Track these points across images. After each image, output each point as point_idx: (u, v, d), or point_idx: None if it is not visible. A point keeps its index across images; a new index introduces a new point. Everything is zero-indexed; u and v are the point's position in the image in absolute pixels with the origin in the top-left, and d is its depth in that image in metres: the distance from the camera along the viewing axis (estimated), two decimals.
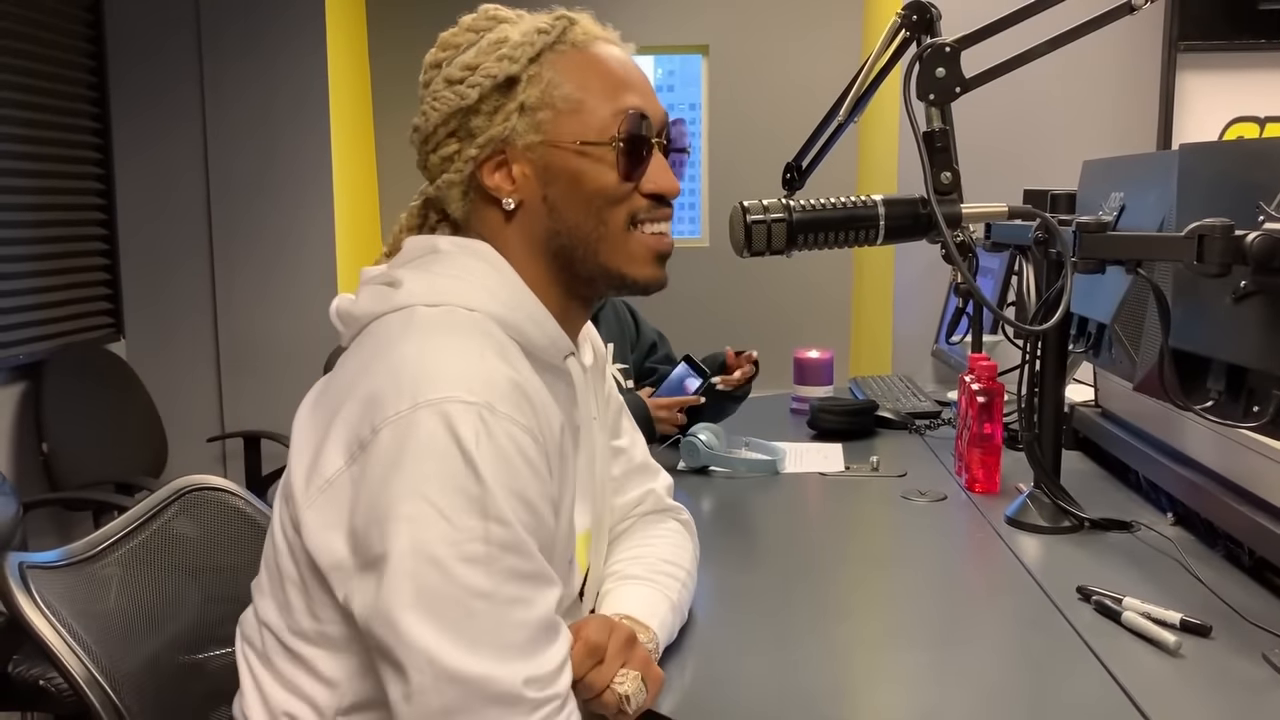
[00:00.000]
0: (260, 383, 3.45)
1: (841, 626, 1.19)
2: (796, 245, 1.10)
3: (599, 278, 0.97)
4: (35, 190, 3.11)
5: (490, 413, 0.79)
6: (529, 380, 0.86)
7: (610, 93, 0.94)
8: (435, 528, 0.75)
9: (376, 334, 0.89)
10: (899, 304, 2.83)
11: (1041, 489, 1.44)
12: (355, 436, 0.81)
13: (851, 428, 1.99)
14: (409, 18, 4.01)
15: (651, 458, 1.22)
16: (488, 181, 0.94)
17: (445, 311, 0.89)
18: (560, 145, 0.93)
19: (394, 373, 0.82)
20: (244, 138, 3.44)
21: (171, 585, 1.15)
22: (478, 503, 0.76)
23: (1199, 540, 1.36)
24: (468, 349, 0.84)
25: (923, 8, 1.37)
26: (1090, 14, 1.19)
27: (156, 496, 1.19)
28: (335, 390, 0.87)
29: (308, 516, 0.82)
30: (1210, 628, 1.06)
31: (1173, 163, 1.33)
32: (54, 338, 3.14)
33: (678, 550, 1.14)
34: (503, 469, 0.78)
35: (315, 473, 0.83)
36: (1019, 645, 1.12)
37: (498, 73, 0.92)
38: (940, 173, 1.12)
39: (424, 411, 0.78)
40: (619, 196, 0.94)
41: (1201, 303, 1.21)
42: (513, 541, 0.78)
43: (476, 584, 0.75)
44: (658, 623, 1.01)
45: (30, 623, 0.95)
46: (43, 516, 3.02)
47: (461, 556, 0.75)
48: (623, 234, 0.95)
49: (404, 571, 0.75)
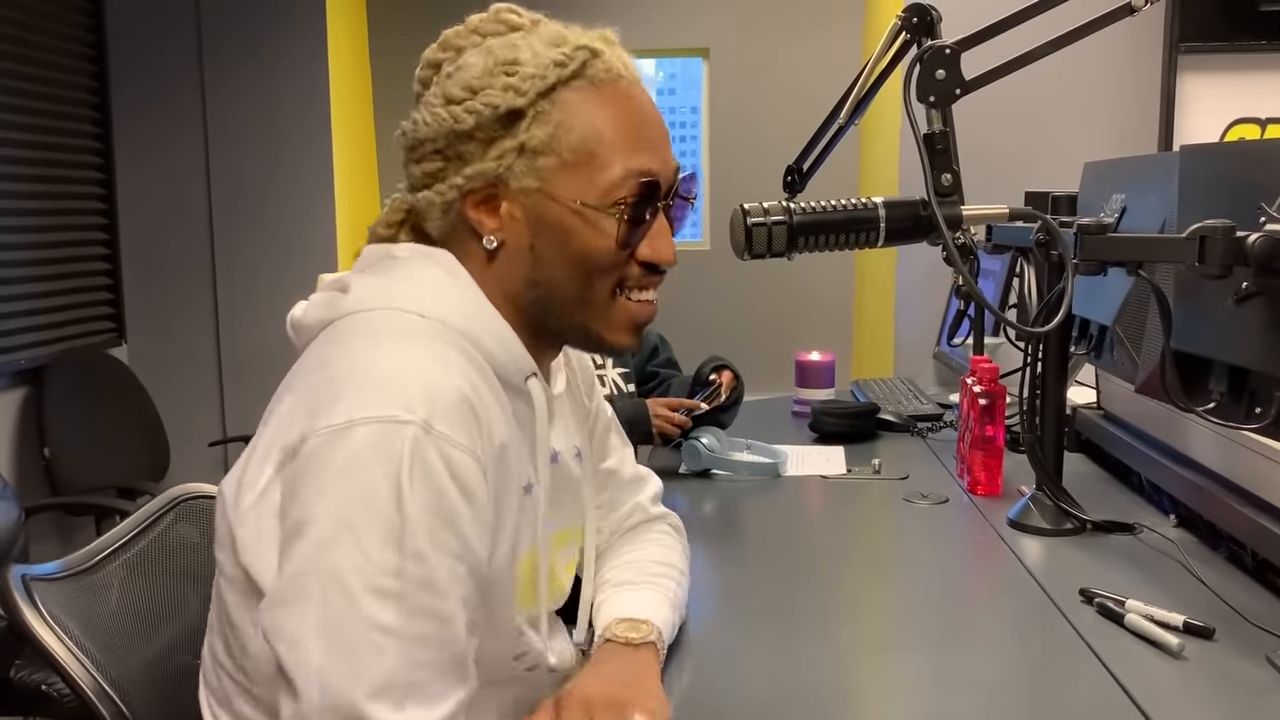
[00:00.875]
0: (262, 387, 3.38)
1: (844, 629, 1.19)
2: (797, 248, 1.10)
3: (569, 333, 0.92)
4: (36, 195, 3.12)
5: (426, 433, 0.74)
6: (477, 392, 0.80)
7: (625, 150, 0.86)
8: (349, 556, 0.71)
9: (320, 343, 0.85)
10: (900, 307, 2.83)
11: (1044, 491, 1.43)
12: (285, 445, 0.77)
13: (853, 430, 1.99)
14: (410, 22, 4.01)
15: (640, 468, 1.20)
16: (471, 214, 0.87)
17: (392, 316, 0.83)
18: (558, 200, 0.85)
19: (331, 383, 0.77)
20: (245, 142, 3.45)
21: (171, 590, 1.16)
22: (396, 534, 0.72)
23: (1201, 542, 1.35)
24: (412, 359, 0.79)
25: (923, 10, 1.37)
26: (1090, 15, 1.19)
27: (152, 505, 1.19)
28: (275, 402, 0.84)
29: (241, 533, 0.79)
30: (1214, 630, 1.06)
31: (1174, 164, 1.33)
32: (56, 342, 3.15)
33: (667, 551, 1.13)
34: (430, 497, 0.74)
35: (245, 486, 0.80)
36: (1021, 648, 1.11)
37: (500, 104, 0.84)
38: (941, 174, 1.11)
39: (358, 430, 0.73)
40: (612, 264, 0.87)
41: (1203, 304, 1.20)
42: (427, 579, 0.73)
43: (383, 619, 0.71)
44: (659, 619, 1.00)
45: (38, 636, 0.95)
46: (44, 522, 3.02)
47: (371, 589, 0.71)
48: (607, 300, 0.89)
49: (313, 595, 0.71)
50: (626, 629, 0.98)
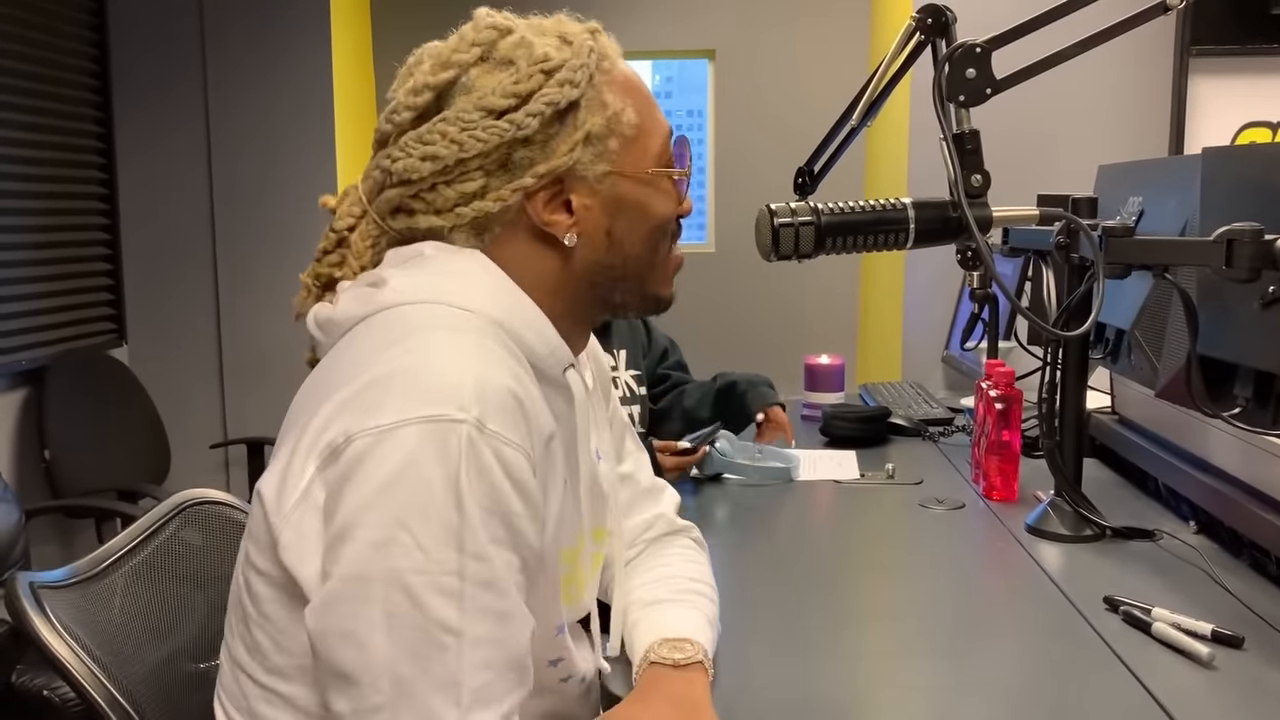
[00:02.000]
0: (263, 388, 3.43)
1: (862, 636, 1.17)
2: (825, 249, 1.08)
3: (632, 302, 0.95)
4: (37, 195, 3.09)
5: (480, 431, 0.73)
6: (523, 386, 0.79)
7: (654, 114, 0.91)
8: (409, 557, 0.71)
9: (359, 338, 0.82)
10: (908, 309, 2.81)
11: (1063, 497, 1.42)
12: (326, 442, 0.75)
13: (865, 435, 1.98)
14: (413, 18, 3.99)
15: (657, 478, 1.18)
16: (544, 217, 0.87)
17: (434, 310, 0.81)
18: (628, 175, 0.89)
19: (379, 381, 0.75)
20: (248, 140, 3.43)
21: (177, 595, 1.15)
22: (456, 534, 0.71)
23: (1223, 549, 1.34)
24: (460, 354, 0.77)
25: (937, 10, 1.35)
26: (1118, 14, 1.17)
27: (157, 511, 1.18)
28: (306, 400, 0.81)
29: (284, 536, 0.77)
30: (1242, 639, 1.05)
31: (1194, 167, 1.31)
32: (56, 343, 3.12)
33: (697, 566, 1.11)
34: (487, 494, 0.73)
35: (286, 487, 0.78)
36: (1046, 655, 1.09)
37: (560, 100, 0.84)
38: (971, 175, 1.10)
39: (410, 430, 0.72)
40: (672, 224, 0.94)
41: (1227, 308, 1.19)
42: (489, 578, 0.73)
43: (447, 618, 0.71)
44: (702, 637, 0.98)
45: (49, 645, 0.93)
46: (45, 524, 2.99)
47: (435, 588, 0.71)
48: (666, 258, 0.95)
49: (374, 595, 0.71)
50: (670, 650, 0.95)
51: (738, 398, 1.96)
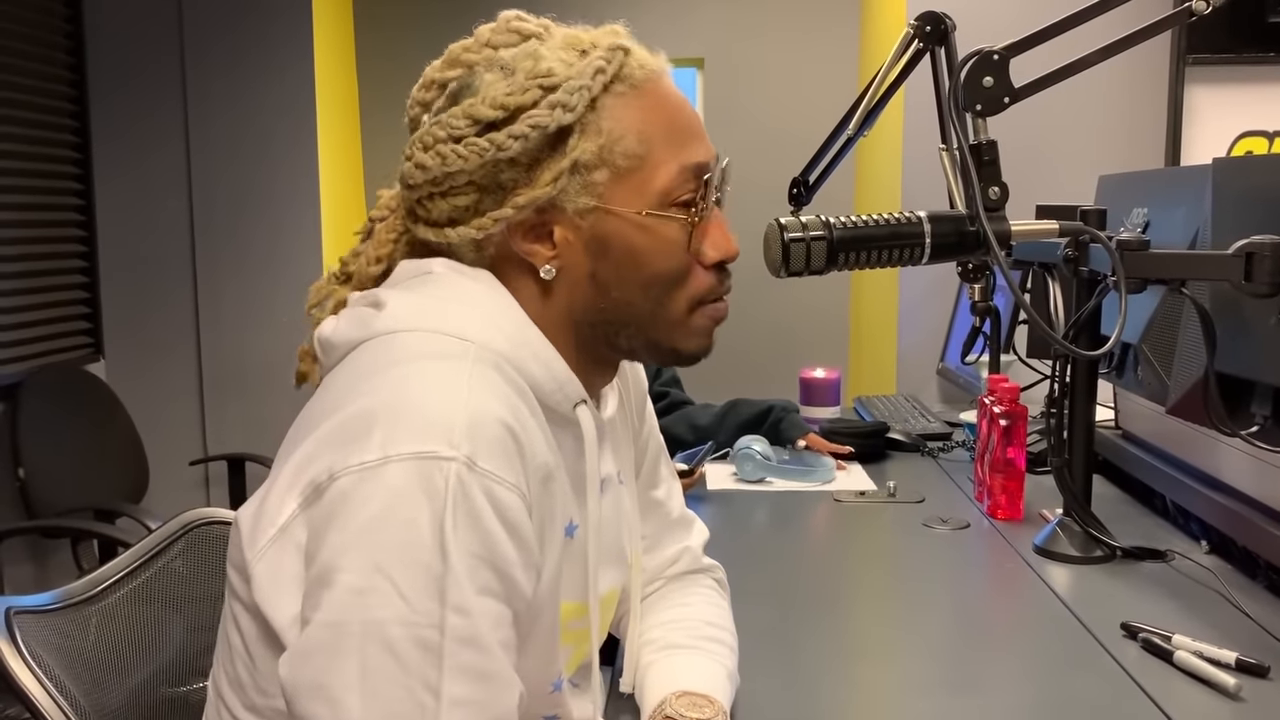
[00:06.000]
0: (244, 404, 3.36)
1: (865, 666, 1.12)
2: (837, 264, 1.03)
3: (641, 350, 0.86)
4: (12, 206, 3.03)
5: (470, 470, 0.68)
6: (519, 418, 0.74)
7: (674, 145, 0.81)
8: (389, 606, 0.66)
9: (351, 364, 0.78)
10: (902, 322, 2.78)
11: (1072, 517, 1.38)
12: (309, 479, 0.71)
13: (863, 450, 1.94)
14: (397, 32, 3.94)
15: (688, 510, 1.11)
16: (522, 247, 0.80)
17: (429, 338, 0.76)
18: (617, 213, 0.79)
19: (365, 413, 0.70)
20: (228, 152, 3.36)
21: (154, 618, 1.11)
22: (439, 583, 0.66)
23: (1238, 570, 1.30)
24: (452, 385, 0.72)
25: (936, 18, 1.32)
26: (1135, 19, 1.13)
27: (161, 534, 1.14)
28: (297, 430, 0.77)
29: (257, 570, 0.73)
30: (1269, 668, 1.01)
31: (1202, 178, 1.28)
32: (31, 358, 3.05)
33: (719, 611, 1.04)
34: (477, 539, 0.68)
35: (263, 518, 0.73)
36: (1065, 685, 1.05)
37: (549, 124, 0.77)
38: (989, 188, 1.05)
39: (394, 467, 0.67)
40: (682, 273, 0.82)
41: (1243, 323, 1.16)
42: (470, 634, 0.67)
43: (426, 676, 0.66)
44: (722, 695, 0.92)
45: (12, 673, 0.89)
46: (19, 545, 2.92)
47: (415, 641, 0.66)
48: (684, 316, 0.84)
49: (350, 647, 0.66)
50: (688, 706, 0.89)
51: (770, 426, 1.90)
